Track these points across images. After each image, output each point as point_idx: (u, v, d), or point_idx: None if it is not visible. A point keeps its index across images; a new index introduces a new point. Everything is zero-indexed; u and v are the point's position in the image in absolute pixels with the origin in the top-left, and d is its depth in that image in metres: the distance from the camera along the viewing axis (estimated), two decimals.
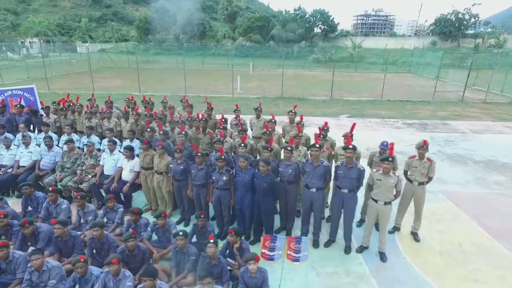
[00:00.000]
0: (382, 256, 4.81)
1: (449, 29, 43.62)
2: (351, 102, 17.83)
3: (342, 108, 15.96)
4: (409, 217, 5.42)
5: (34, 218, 5.16)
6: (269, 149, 5.09)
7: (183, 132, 5.90)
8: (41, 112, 7.93)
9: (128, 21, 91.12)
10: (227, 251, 4.45)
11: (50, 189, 5.24)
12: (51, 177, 6.22)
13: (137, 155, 6.04)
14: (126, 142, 6.56)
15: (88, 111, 7.41)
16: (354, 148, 4.58)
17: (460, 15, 43.42)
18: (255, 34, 45.08)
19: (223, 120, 6.96)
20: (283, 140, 6.42)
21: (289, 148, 4.96)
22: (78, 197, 5.09)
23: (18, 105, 7.64)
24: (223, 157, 4.92)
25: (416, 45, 41.18)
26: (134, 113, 7.16)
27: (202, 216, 4.64)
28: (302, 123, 6.26)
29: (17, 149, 6.60)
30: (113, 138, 6.43)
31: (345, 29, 58.30)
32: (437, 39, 44.53)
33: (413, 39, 48.76)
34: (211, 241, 4.00)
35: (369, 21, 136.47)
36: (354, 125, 5.72)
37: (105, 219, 5.19)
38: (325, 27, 46.45)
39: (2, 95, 7.88)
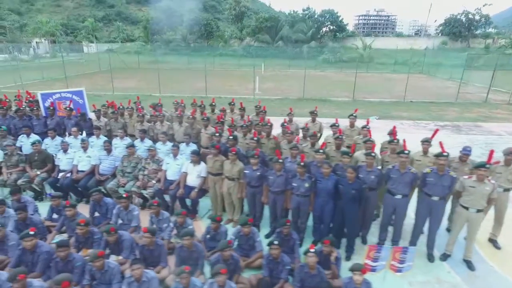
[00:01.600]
0: (470, 265, 4.71)
1: (459, 29, 43.61)
2: (373, 103, 17.75)
3: (367, 110, 15.85)
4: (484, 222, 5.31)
5: (105, 225, 5.10)
6: (349, 154, 5.00)
7: (231, 136, 5.82)
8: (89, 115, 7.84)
9: (131, 21, 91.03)
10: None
11: (124, 195, 5.14)
12: (113, 182, 6.12)
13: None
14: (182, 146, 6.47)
15: (140, 114, 7.30)
16: (447, 155, 4.48)
17: (470, 16, 43.38)
18: (263, 34, 44.97)
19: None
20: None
21: (373, 154, 4.86)
22: (155, 204, 4.99)
23: (68, 108, 7.52)
24: (303, 163, 4.82)
25: (426, 45, 41.11)
26: (191, 116, 7.04)
27: (288, 223, 4.54)
28: (368, 127, 6.15)
29: (74, 153, 6.50)
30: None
31: (349, 30, 58.05)
32: (447, 40, 44.47)
33: (423, 40, 48.72)
34: (312, 250, 3.90)
35: (370, 21, 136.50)
36: (436, 131, 5.66)
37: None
38: (334, 27, 46.35)
39: (51, 98, 7.77)
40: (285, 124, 6.61)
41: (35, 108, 7.59)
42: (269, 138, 6.16)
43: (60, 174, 6.33)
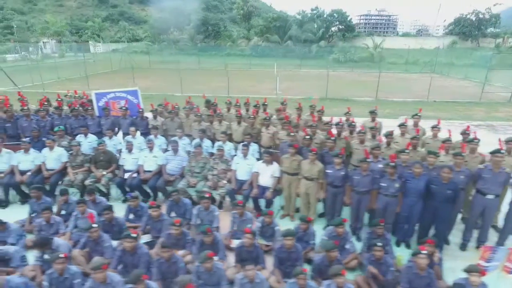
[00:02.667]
0: None
1: (469, 29, 43.65)
2: (397, 103, 17.70)
3: (393, 109, 15.82)
4: None
5: (185, 225, 5.06)
6: (437, 154, 4.96)
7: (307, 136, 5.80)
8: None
9: (135, 21, 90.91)
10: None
11: (206, 195, 5.10)
12: (183, 182, 6.06)
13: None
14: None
15: (199, 114, 7.25)
16: (504, 152, 4.49)
17: (480, 15, 43.43)
18: (272, 34, 44.92)
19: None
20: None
21: (463, 154, 4.82)
22: (240, 204, 4.95)
23: (124, 107, 7.47)
24: (394, 163, 4.78)
25: (435, 45, 41.14)
26: (252, 115, 7.00)
27: (382, 224, 4.49)
28: (438, 127, 6.11)
29: (139, 153, 6.44)
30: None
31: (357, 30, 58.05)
32: (457, 39, 44.51)
33: (432, 39, 48.76)
34: (423, 252, 3.85)
35: (371, 21, 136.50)
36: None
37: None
38: (343, 27, 46.33)
39: (105, 98, 7.71)
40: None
41: (90, 108, 7.54)
42: (339, 137, 6.11)
43: (127, 174, 6.27)
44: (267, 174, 5.79)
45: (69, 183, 6.15)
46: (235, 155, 6.66)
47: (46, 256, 4.32)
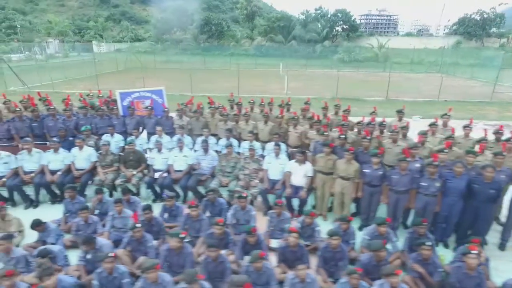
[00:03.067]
0: None
1: (474, 28, 43.65)
2: (408, 102, 17.65)
3: (406, 109, 15.78)
4: None
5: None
6: (476, 154, 4.94)
7: (342, 135, 5.78)
8: None
9: (136, 21, 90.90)
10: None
11: (243, 195, 5.08)
12: (215, 181, 6.04)
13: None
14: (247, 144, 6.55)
15: (225, 113, 7.23)
16: None
17: (485, 15, 43.43)
18: (276, 34, 44.88)
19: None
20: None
21: (504, 154, 4.81)
22: (279, 204, 4.93)
23: (150, 107, 7.45)
24: (436, 163, 4.76)
25: (440, 45, 41.14)
26: (280, 115, 6.98)
27: (425, 223, 4.46)
28: (470, 126, 6.10)
29: (168, 153, 6.42)
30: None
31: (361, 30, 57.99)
32: (461, 39, 44.50)
33: (437, 39, 48.78)
34: (474, 251, 3.83)
35: (372, 21, 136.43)
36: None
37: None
38: (347, 27, 46.31)
39: (129, 97, 7.68)
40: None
41: (115, 107, 7.52)
42: (371, 137, 6.08)
43: (156, 174, 6.25)
44: (300, 174, 5.76)
45: (99, 182, 6.12)
46: (262, 154, 6.66)
47: (88, 256, 4.31)
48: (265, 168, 6.04)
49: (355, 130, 6.49)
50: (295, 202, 5.88)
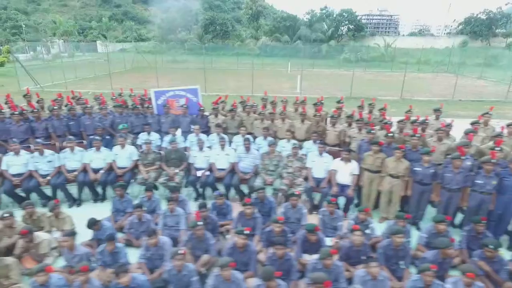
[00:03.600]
0: None
1: (480, 28, 43.67)
2: (423, 102, 17.69)
3: (422, 108, 15.79)
4: None
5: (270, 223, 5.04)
6: None
7: (390, 133, 5.78)
8: None
9: (138, 21, 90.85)
10: None
11: (296, 193, 5.07)
12: (259, 180, 6.03)
13: None
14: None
15: (262, 112, 7.23)
16: None
17: (491, 15, 43.43)
18: (283, 34, 44.87)
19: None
20: None
21: None
22: (333, 202, 4.92)
23: (185, 105, 7.44)
24: (494, 160, 4.75)
25: (446, 44, 41.17)
26: (318, 113, 6.96)
27: (484, 221, 4.46)
28: None
29: (210, 151, 6.41)
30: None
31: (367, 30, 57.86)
32: (467, 39, 44.50)
33: (443, 39, 48.79)
34: None
35: (373, 21, 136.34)
36: None
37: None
38: (352, 26, 46.34)
39: (164, 96, 7.67)
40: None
41: (151, 106, 7.51)
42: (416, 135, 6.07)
43: (199, 172, 6.24)
44: (346, 172, 5.76)
45: (142, 181, 6.12)
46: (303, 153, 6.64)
47: (149, 253, 4.30)
48: (309, 166, 6.03)
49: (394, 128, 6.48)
50: (341, 201, 5.86)
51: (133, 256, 4.40)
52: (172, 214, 5.03)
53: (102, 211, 5.76)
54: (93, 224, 4.55)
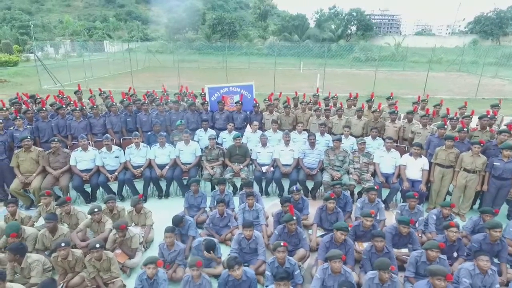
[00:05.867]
0: None
1: (490, 27, 43.65)
2: (447, 100, 17.62)
3: (449, 107, 15.75)
4: None
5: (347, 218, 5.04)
6: None
7: (465, 129, 5.76)
8: None
9: (142, 21, 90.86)
10: None
11: (375, 187, 5.04)
12: (326, 175, 6.00)
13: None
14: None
15: (319, 108, 7.21)
16: None
17: (502, 14, 43.41)
18: (292, 34, 44.81)
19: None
20: None
21: None
22: (416, 196, 4.90)
23: (240, 102, 7.41)
24: None
25: (456, 43, 41.15)
26: (378, 109, 6.95)
27: None
28: None
29: (273, 147, 6.39)
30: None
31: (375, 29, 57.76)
32: (477, 38, 44.49)
33: (453, 38, 48.77)
34: None
35: (375, 21, 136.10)
36: None
37: None
38: (361, 25, 46.32)
39: (218, 92, 7.65)
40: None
41: (206, 102, 7.49)
42: (485, 130, 6.05)
43: (264, 168, 6.21)
44: (416, 167, 5.73)
45: (208, 177, 6.10)
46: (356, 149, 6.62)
47: (242, 246, 4.29)
48: (376, 162, 6.00)
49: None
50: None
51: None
52: (251, 209, 5.01)
53: (166, 207, 5.76)
54: (179, 221, 4.52)
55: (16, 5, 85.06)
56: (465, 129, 5.67)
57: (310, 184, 6.21)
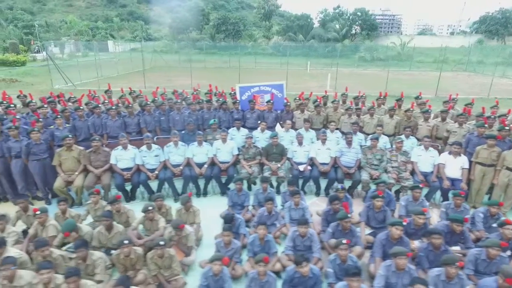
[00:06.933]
0: None
1: (496, 27, 43.74)
2: (460, 100, 17.66)
3: (460, 107, 15.81)
4: None
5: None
6: None
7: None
8: None
9: (144, 21, 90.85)
10: None
11: (420, 185, 5.07)
12: (365, 174, 6.03)
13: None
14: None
15: (351, 107, 7.24)
16: None
17: (507, 14, 43.51)
18: (297, 34, 44.86)
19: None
20: None
21: None
22: (463, 195, 4.92)
23: (271, 101, 7.43)
24: None
25: (461, 43, 41.24)
26: (411, 108, 6.98)
27: None
28: None
29: (309, 146, 6.42)
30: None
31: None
32: (483, 38, 44.59)
33: (458, 38, 48.84)
34: None
35: (376, 21, 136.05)
36: None
37: None
38: (366, 25, 46.40)
39: (249, 91, 7.68)
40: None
41: (238, 101, 7.51)
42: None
43: (300, 167, 6.24)
44: (455, 166, 5.76)
45: (247, 175, 6.12)
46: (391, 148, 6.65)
47: (297, 243, 4.32)
48: (414, 160, 6.03)
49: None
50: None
51: None
52: (297, 208, 5.04)
53: (206, 205, 5.79)
54: (231, 219, 4.55)
55: (18, 5, 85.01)
56: (506, 128, 5.69)
57: (347, 183, 6.23)
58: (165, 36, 56.85)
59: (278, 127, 7.57)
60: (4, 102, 6.77)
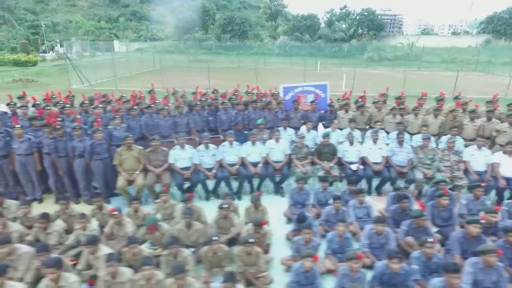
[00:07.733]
0: None
1: (503, 27, 43.83)
2: (477, 100, 17.71)
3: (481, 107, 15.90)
4: None
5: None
6: None
7: None
8: None
9: (146, 20, 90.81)
10: None
11: (483, 184, 5.14)
12: (419, 174, 6.10)
13: None
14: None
15: (395, 107, 7.32)
16: None
17: None
18: (304, 34, 44.94)
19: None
20: None
21: None
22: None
23: (316, 101, 7.51)
24: None
25: (468, 43, 41.36)
26: (457, 108, 7.06)
27: None
28: None
29: (360, 146, 6.50)
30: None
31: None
32: (490, 38, 44.69)
33: (465, 38, 48.96)
34: None
35: (382, 21, 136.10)
36: None
37: None
38: (373, 26, 46.51)
39: (292, 91, 7.75)
40: None
41: (282, 101, 7.58)
42: None
43: (353, 166, 6.31)
44: (511, 165, 5.83)
45: (301, 175, 6.18)
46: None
47: (373, 241, 4.39)
48: (467, 160, 6.11)
49: None
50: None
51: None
52: (362, 206, 5.12)
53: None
54: (304, 218, 4.62)
55: (21, 5, 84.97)
56: None
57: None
58: (170, 36, 56.87)
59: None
60: (60, 102, 6.83)
